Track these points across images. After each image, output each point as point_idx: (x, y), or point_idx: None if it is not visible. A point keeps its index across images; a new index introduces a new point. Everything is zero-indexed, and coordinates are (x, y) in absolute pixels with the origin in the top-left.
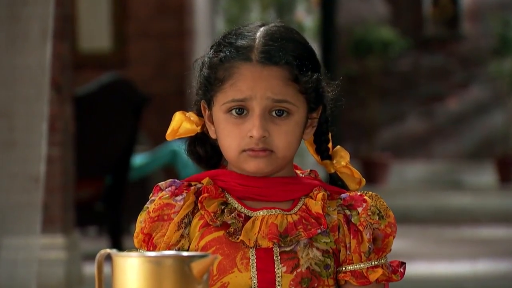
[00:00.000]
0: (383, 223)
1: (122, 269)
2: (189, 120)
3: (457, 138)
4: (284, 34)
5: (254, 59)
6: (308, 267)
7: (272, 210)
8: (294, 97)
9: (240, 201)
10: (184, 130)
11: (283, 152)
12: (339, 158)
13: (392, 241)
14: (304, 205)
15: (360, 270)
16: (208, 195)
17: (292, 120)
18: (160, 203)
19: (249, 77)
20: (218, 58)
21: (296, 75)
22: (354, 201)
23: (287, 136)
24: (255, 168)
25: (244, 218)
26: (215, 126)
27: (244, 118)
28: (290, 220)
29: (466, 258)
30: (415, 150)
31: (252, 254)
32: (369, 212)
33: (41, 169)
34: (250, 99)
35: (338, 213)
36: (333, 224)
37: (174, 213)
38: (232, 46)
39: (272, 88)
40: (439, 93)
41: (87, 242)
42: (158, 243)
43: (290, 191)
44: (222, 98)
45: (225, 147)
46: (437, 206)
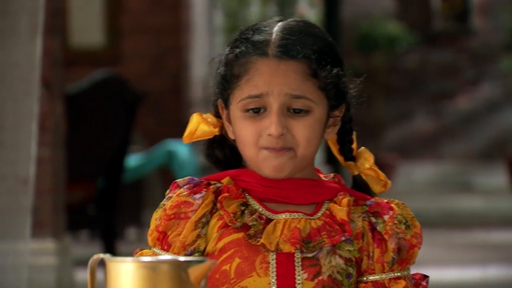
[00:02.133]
0: (409, 233)
1: (116, 275)
2: (207, 121)
3: (467, 138)
4: (302, 28)
5: (271, 53)
6: (330, 275)
7: (295, 213)
8: (313, 93)
9: (261, 203)
10: (202, 133)
11: (303, 150)
12: (363, 160)
13: (417, 253)
14: (328, 210)
15: (382, 280)
16: (228, 194)
17: (312, 117)
18: (178, 201)
19: (265, 72)
20: (234, 54)
21: (315, 69)
22: (380, 209)
23: (307, 132)
24: (273, 168)
25: (265, 220)
26: (233, 125)
27: (262, 116)
28: (314, 226)
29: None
30: (423, 151)
31: (273, 259)
32: (396, 221)
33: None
34: (267, 95)
35: (363, 220)
36: (357, 232)
37: (191, 212)
38: (248, 41)
39: (289, 84)
40: (448, 91)
41: (79, 246)
42: (173, 242)
43: (313, 194)
44: (238, 95)
45: (243, 146)
46: (446, 209)
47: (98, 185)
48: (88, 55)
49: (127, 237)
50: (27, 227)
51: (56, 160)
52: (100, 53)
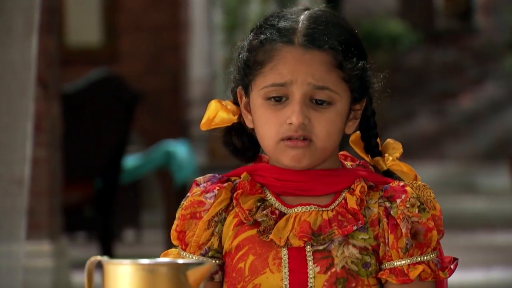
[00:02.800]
0: (425, 216)
1: (113, 278)
2: (226, 108)
3: (471, 138)
4: (329, 18)
5: (297, 42)
6: (343, 267)
7: (307, 206)
8: (336, 85)
9: (278, 197)
10: (220, 120)
11: (323, 142)
12: (391, 150)
13: (435, 236)
14: (343, 199)
15: (401, 267)
16: (242, 191)
17: (334, 109)
18: (192, 200)
19: (290, 60)
20: (259, 40)
21: (340, 61)
22: (394, 192)
23: (328, 124)
24: (293, 160)
25: (278, 215)
26: (252, 113)
27: (284, 104)
28: (325, 217)
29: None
30: (426, 151)
31: (285, 254)
32: (408, 204)
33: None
34: (291, 83)
35: (379, 206)
36: (373, 218)
37: (204, 211)
38: (274, 28)
39: (313, 74)
40: (451, 90)
41: (76, 249)
42: (189, 242)
43: (330, 184)
44: (261, 82)
45: (262, 136)
46: (449, 210)
47: (95, 186)
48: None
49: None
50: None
51: (52, 161)
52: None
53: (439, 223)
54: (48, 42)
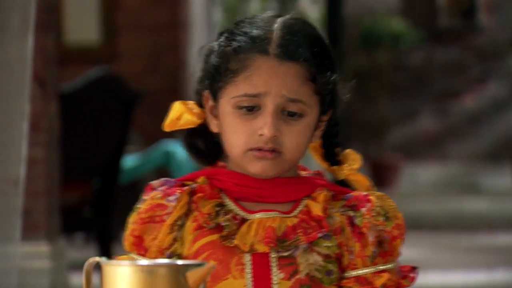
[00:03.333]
0: (390, 224)
1: (112, 279)
2: (191, 111)
3: (474, 138)
4: (302, 28)
5: (272, 52)
6: (307, 274)
7: (270, 212)
8: (309, 98)
9: (237, 203)
10: (185, 121)
11: (292, 154)
12: (351, 161)
13: (400, 244)
14: (305, 207)
15: (365, 275)
16: (203, 195)
17: (305, 122)
18: (152, 204)
19: (265, 72)
20: (232, 47)
21: (314, 74)
22: (358, 201)
23: (298, 138)
24: (260, 170)
25: (240, 220)
26: (221, 119)
27: (255, 115)
28: (289, 224)
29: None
30: (428, 151)
31: (248, 260)
32: (374, 213)
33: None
34: (264, 94)
35: (341, 214)
36: (335, 227)
37: (166, 215)
38: (247, 36)
39: (287, 86)
40: (454, 89)
41: (74, 250)
42: (149, 247)
43: (291, 192)
44: (232, 91)
45: (230, 144)
46: (452, 211)
47: (94, 186)
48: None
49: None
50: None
51: (50, 161)
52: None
53: (402, 231)
54: (46, 40)
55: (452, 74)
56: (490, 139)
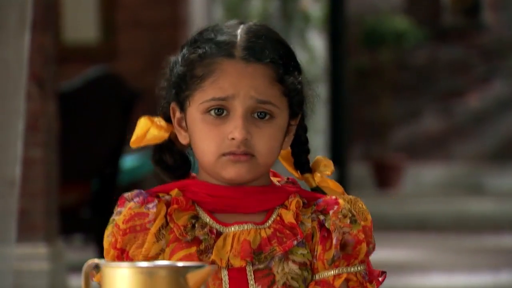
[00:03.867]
0: (356, 228)
1: (111, 281)
2: (157, 125)
3: (478, 137)
4: (266, 32)
5: (237, 55)
6: (284, 283)
7: (244, 225)
8: (278, 99)
9: (211, 215)
10: (152, 137)
11: (265, 157)
12: (323, 167)
13: (364, 248)
14: (278, 216)
15: (326, 278)
16: (178, 206)
17: (275, 124)
18: (131, 213)
19: (232, 74)
20: (196, 54)
21: (281, 74)
22: (327, 205)
23: (270, 140)
24: (235, 174)
25: (216, 234)
26: (190, 128)
27: (224, 119)
28: (264, 235)
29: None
30: (432, 151)
31: (225, 275)
32: (340, 215)
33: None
34: (233, 97)
35: (312, 220)
36: (307, 233)
37: (149, 222)
38: (212, 42)
39: (256, 87)
40: (458, 89)
41: (73, 251)
42: (134, 256)
43: (263, 201)
44: (200, 97)
45: (202, 151)
46: (456, 212)
47: (93, 187)
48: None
49: None
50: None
51: (48, 161)
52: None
53: (369, 234)
54: (44, 39)
55: (456, 73)
56: (495, 138)
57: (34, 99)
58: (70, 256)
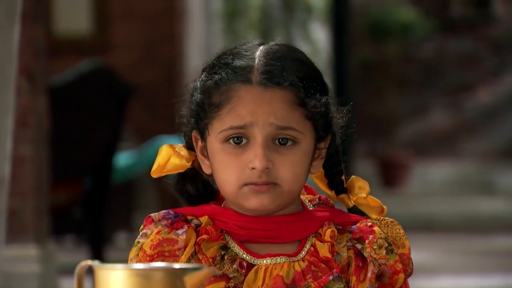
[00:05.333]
0: (392, 258)
1: (105, 284)
2: (179, 154)
3: (488, 134)
4: (286, 53)
5: (255, 80)
6: None
7: (277, 258)
8: (300, 124)
9: (241, 245)
10: (172, 166)
11: (290, 185)
12: (358, 190)
13: (402, 278)
14: (312, 247)
15: None
16: (208, 237)
17: (299, 149)
18: (159, 239)
19: (249, 101)
20: (213, 81)
21: (302, 98)
22: (362, 233)
23: (294, 167)
24: (257, 205)
25: (246, 267)
26: (211, 158)
27: (244, 148)
28: (298, 269)
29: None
30: (440, 148)
31: None
32: (375, 246)
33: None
34: (251, 125)
35: (348, 249)
36: (343, 264)
37: (178, 250)
38: (229, 67)
39: (275, 113)
40: (467, 83)
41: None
42: None
43: (296, 231)
44: (218, 126)
45: (223, 182)
46: (465, 212)
47: (85, 186)
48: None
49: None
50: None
51: (38, 159)
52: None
53: (407, 262)
54: (34, 31)
55: (466, 67)
56: (506, 135)
57: (23, 94)
58: (62, 258)
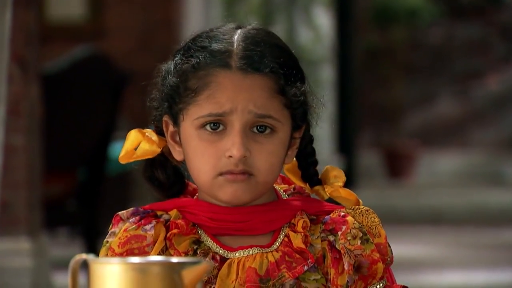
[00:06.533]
0: (368, 247)
1: (100, 278)
2: (149, 139)
3: (499, 123)
4: (265, 38)
5: (234, 65)
6: None
7: (250, 249)
8: (279, 112)
9: (214, 238)
10: (142, 152)
11: (265, 176)
12: (333, 179)
13: (381, 267)
14: (286, 237)
15: None
16: (178, 231)
17: (276, 139)
18: (127, 236)
19: (228, 87)
20: (190, 64)
21: (282, 86)
22: (335, 224)
23: (270, 157)
24: (231, 196)
25: (220, 261)
26: (184, 145)
27: (221, 135)
28: (271, 259)
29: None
30: (448, 138)
31: None
32: (349, 237)
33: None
34: (230, 112)
35: (322, 240)
36: (318, 256)
37: (147, 246)
38: (206, 51)
39: (255, 100)
40: (476, 70)
41: (58, 247)
42: None
43: (269, 222)
44: (195, 112)
45: (197, 170)
46: (474, 204)
47: (79, 177)
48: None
49: None
50: None
51: (31, 149)
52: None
53: (385, 251)
54: (27, 16)
55: (475, 53)
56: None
57: (15, 81)
58: (55, 251)
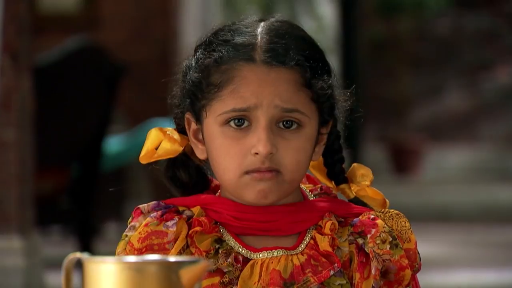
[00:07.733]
0: (397, 253)
1: (95, 278)
2: (171, 138)
3: (509, 117)
4: (289, 30)
5: (258, 59)
6: None
7: (274, 251)
8: (306, 106)
9: (237, 238)
10: (164, 151)
11: (292, 173)
12: (360, 177)
13: (408, 274)
14: (312, 240)
15: None
16: (201, 229)
17: (303, 134)
18: (147, 231)
19: (253, 81)
20: (212, 59)
21: (309, 79)
22: (364, 227)
23: (298, 153)
24: (258, 195)
25: (242, 261)
26: (208, 142)
27: (246, 131)
28: (296, 263)
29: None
30: (456, 132)
31: None
32: (378, 240)
33: None
34: (255, 107)
35: (349, 243)
36: (344, 260)
37: (168, 243)
38: (229, 44)
39: (280, 94)
40: (485, 62)
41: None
42: None
43: (296, 223)
44: (219, 108)
45: (222, 169)
46: (483, 201)
47: (73, 173)
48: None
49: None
50: None
51: (22, 144)
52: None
53: (413, 257)
54: (18, 7)
55: (483, 44)
56: None
57: (6, 73)
58: (48, 250)
